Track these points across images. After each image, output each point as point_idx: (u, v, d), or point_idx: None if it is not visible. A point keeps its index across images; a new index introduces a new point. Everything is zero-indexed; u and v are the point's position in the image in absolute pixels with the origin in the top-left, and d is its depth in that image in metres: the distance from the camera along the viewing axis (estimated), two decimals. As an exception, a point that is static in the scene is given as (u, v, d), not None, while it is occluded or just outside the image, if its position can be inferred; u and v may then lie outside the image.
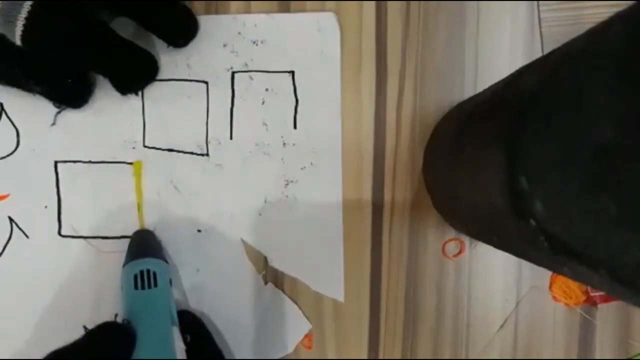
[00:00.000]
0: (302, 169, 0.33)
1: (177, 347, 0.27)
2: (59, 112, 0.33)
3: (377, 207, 0.34)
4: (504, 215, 0.18)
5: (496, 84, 0.26)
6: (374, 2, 0.33)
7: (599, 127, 0.13)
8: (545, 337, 0.35)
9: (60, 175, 0.33)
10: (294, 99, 0.33)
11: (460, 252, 0.35)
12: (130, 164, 0.33)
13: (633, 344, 0.35)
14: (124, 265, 0.30)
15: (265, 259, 0.34)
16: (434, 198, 0.33)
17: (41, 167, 0.33)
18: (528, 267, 0.34)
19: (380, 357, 0.35)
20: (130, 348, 0.26)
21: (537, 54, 0.33)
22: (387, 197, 0.34)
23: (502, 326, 0.35)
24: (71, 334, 0.26)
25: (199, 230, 0.33)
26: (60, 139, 0.33)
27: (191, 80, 0.33)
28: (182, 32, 0.32)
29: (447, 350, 0.35)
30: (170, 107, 0.33)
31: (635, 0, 0.13)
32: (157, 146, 0.33)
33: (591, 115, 0.13)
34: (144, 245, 0.31)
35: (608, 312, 0.35)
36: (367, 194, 0.34)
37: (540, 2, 0.33)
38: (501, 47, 0.33)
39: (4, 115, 0.33)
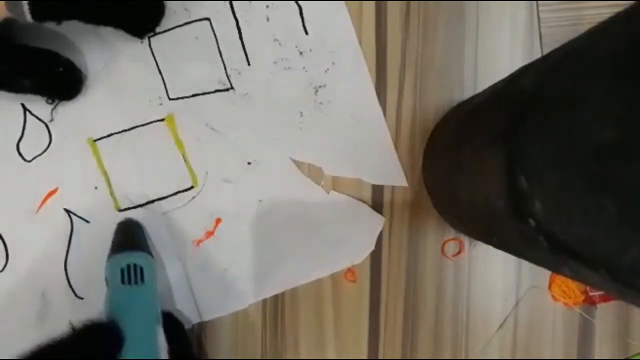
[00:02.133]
0: (325, 71, 0.33)
1: (161, 346, 0.27)
2: (54, 108, 0.33)
3: (377, 207, 0.34)
4: (503, 215, 0.18)
5: (496, 84, 0.26)
6: (373, 2, 0.33)
7: (598, 127, 0.13)
8: (544, 337, 0.35)
9: (100, 153, 0.33)
10: (296, 6, 0.33)
11: (459, 252, 0.35)
12: (162, 120, 0.33)
13: (632, 343, 0.35)
14: (109, 257, 0.29)
15: (320, 169, 0.34)
16: (433, 198, 0.33)
17: (79, 151, 0.33)
18: (527, 267, 0.35)
19: (380, 357, 0.35)
20: (117, 349, 0.26)
21: (537, 54, 0.33)
22: (387, 197, 0.34)
23: (501, 325, 0.35)
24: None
25: (249, 163, 0.33)
26: (88, 119, 0.33)
27: (193, 22, 0.33)
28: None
29: (446, 350, 0.35)
30: (181, 54, 0.33)
31: (635, 0, 0.13)
32: (182, 95, 0.33)
33: (591, 115, 0.13)
34: (130, 236, 0.31)
35: (607, 312, 0.35)
36: (367, 194, 0.34)
37: (539, 2, 0.33)
38: (501, 47, 0.33)
39: (28, 114, 0.33)
